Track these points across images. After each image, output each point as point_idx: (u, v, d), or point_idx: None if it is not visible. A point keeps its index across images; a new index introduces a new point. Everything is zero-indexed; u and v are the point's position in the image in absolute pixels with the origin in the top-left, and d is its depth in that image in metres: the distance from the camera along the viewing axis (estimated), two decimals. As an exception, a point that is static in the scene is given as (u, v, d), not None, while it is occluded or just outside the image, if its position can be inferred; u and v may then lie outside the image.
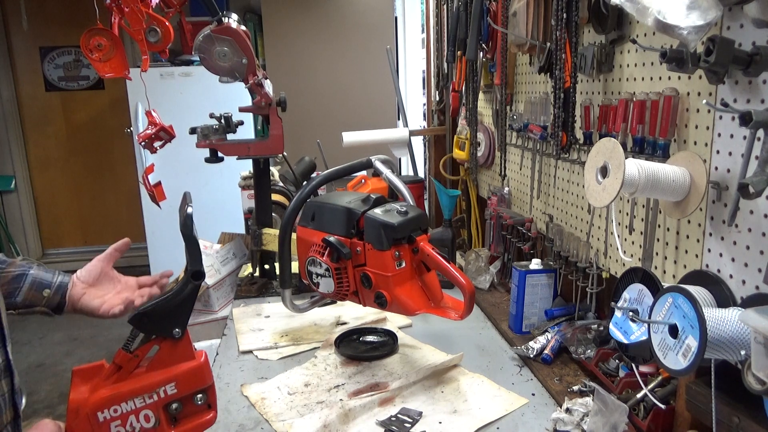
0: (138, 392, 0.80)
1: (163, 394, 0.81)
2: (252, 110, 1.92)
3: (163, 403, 0.81)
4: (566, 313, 1.54)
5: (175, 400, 0.82)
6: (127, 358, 0.81)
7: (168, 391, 0.81)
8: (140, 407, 0.80)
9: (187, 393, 0.82)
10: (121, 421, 0.79)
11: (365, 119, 4.42)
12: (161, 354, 0.83)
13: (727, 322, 0.85)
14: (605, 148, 1.05)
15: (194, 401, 0.83)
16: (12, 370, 0.92)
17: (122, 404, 0.80)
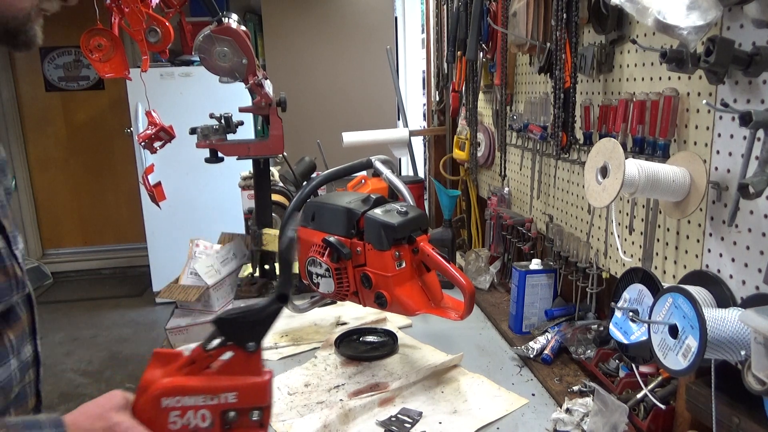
0: (202, 391, 0.81)
1: (224, 399, 0.82)
2: (252, 110, 1.92)
3: (222, 408, 0.83)
4: (566, 314, 1.54)
5: (233, 409, 0.83)
6: (202, 355, 0.83)
7: (229, 399, 0.83)
8: (200, 405, 0.81)
9: (246, 406, 0.84)
10: (180, 412, 0.81)
11: (365, 119, 4.42)
12: (232, 362, 0.84)
13: (727, 323, 0.85)
14: (605, 149, 1.05)
15: (249, 416, 0.84)
16: (39, 361, 0.93)
17: (186, 398, 0.81)
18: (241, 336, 0.84)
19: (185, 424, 0.81)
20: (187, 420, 0.81)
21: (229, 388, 0.82)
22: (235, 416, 0.83)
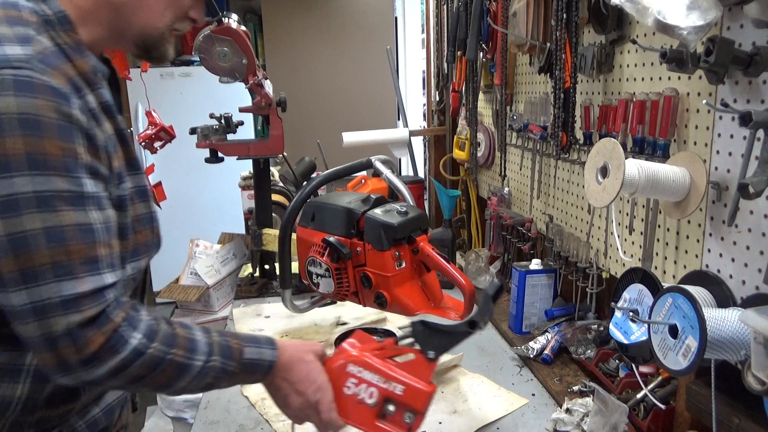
0: (380, 373, 0.94)
1: (393, 388, 0.94)
2: (252, 110, 1.92)
3: (388, 395, 0.94)
4: (566, 314, 1.54)
5: (394, 401, 0.94)
6: (391, 346, 0.98)
7: (397, 390, 0.94)
8: (373, 384, 0.94)
9: (407, 402, 0.94)
10: (357, 381, 0.95)
11: (365, 119, 4.42)
12: (412, 363, 0.96)
13: (727, 323, 0.85)
14: (605, 149, 1.05)
15: (404, 416, 0.94)
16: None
17: (366, 372, 0.94)
18: (427, 342, 0.97)
19: (355, 393, 0.95)
20: (358, 390, 0.95)
21: (401, 381, 0.94)
22: (393, 410, 0.94)
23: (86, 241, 0.75)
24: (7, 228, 0.70)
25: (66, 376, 0.76)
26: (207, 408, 1.30)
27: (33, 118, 0.70)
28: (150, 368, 0.80)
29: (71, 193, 0.73)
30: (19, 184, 0.70)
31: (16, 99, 0.69)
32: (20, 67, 0.70)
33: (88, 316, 0.74)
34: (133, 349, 0.78)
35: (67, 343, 0.73)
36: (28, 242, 0.71)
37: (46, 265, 0.72)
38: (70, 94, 0.74)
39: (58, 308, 0.73)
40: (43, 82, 0.71)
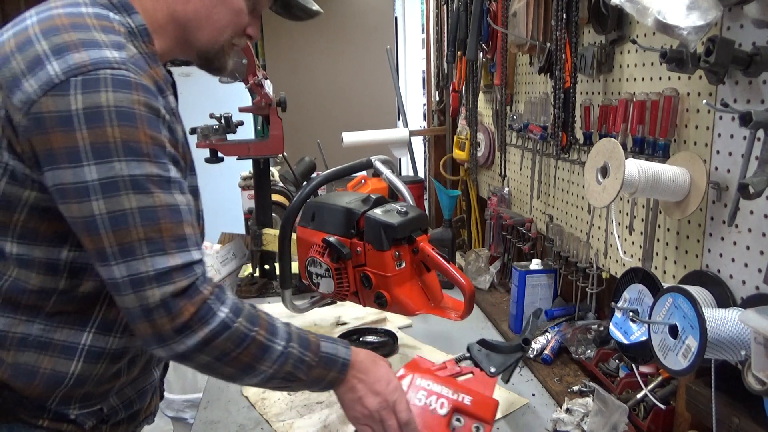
0: (448, 383, 1.02)
1: (461, 398, 1.00)
2: (252, 110, 1.92)
3: (457, 405, 1.00)
4: (566, 314, 1.54)
5: (463, 412, 1.00)
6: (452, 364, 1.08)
7: (465, 400, 1.00)
8: (442, 394, 1.00)
9: (475, 413, 1.00)
10: (427, 393, 1.01)
11: (365, 119, 4.42)
12: (473, 380, 1.06)
13: (727, 323, 0.85)
14: (605, 149, 1.05)
15: (473, 428, 1.00)
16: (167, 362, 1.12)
17: (434, 384, 1.01)
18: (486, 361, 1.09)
19: (426, 404, 1.00)
20: (429, 401, 1.00)
21: (467, 392, 1.01)
22: (462, 423, 0.99)
23: (175, 220, 0.83)
24: (108, 206, 0.78)
25: (161, 347, 0.83)
26: (207, 408, 1.30)
27: (128, 110, 0.78)
28: (236, 343, 0.86)
29: (160, 177, 0.82)
30: (117, 168, 0.78)
31: (115, 94, 0.77)
32: (118, 68, 0.79)
33: (180, 287, 0.82)
34: (221, 321, 0.85)
35: (161, 313, 0.81)
36: (126, 220, 0.79)
37: (142, 241, 0.80)
38: (156, 93, 0.83)
39: (152, 281, 0.80)
40: (136, 80, 0.80)
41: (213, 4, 0.94)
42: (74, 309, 0.88)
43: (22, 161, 0.80)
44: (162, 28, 0.92)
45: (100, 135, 0.77)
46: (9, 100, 0.78)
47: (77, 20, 0.82)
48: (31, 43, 0.79)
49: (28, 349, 0.87)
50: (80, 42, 0.79)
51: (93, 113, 0.76)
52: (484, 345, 1.12)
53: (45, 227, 0.85)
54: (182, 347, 0.83)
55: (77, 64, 0.77)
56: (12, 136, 0.79)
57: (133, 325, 0.83)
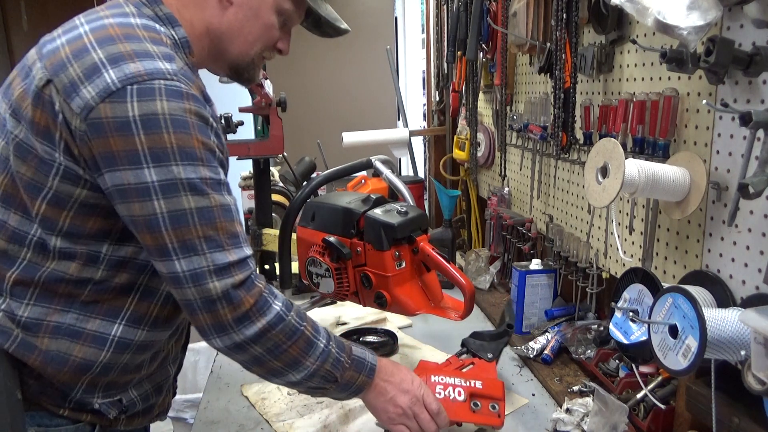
0: (458, 375, 1.15)
1: (473, 384, 1.13)
2: (252, 110, 1.92)
3: (472, 390, 1.12)
4: (566, 314, 1.54)
5: (479, 396, 1.12)
6: (455, 359, 1.23)
7: (477, 385, 1.13)
8: (457, 384, 1.12)
9: (488, 394, 1.13)
10: (443, 386, 1.12)
11: (365, 119, 4.42)
12: (476, 368, 1.21)
13: (727, 323, 0.85)
14: (605, 149, 1.05)
15: (490, 407, 1.12)
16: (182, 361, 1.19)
17: (447, 377, 1.13)
18: (478, 348, 1.24)
19: (446, 396, 1.11)
20: (448, 392, 1.11)
21: (476, 378, 1.14)
22: (480, 405, 1.11)
23: (228, 218, 0.89)
24: (168, 206, 0.84)
25: (220, 336, 0.90)
26: (207, 408, 1.30)
27: (182, 118, 0.84)
28: (287, 335, 0.93)
29: (213, 180, 0.88)
30: (175, 171, 0.84)
31: (168, 103, 0.83)
32: (171, 78, 0.84)
33: (239, 280, 0.89)
34: (276, 314, 0.92)
35: (223, 304, 0.88)
36: (186, 219, 0.85)
37: (201, 238, 0.86)
38: (204, 102, 0.89)
39: (213, 275, 0.87)
40: (187, 90, 0.85)
41: (246, 19, 0.98)
42: (108, 299, 0.93)
43: (76, 162, 0.85)
44: (198, 40, 0.98)
45: (157, 140, 0.82)
46: (66, 105, 0.82)
47: (129, 31, 0.87)
48: (87, 51, 0.83)
49: (62, 337, 0.91)
50: (134, 52, 0.84)
51: (150, 120, 0.81)
52: (476, 337, 1.25)
53: (91, 223, 0.90)
54: (240, 337, 0.90)
55: (133, 73, 0.82)
56: (69, 139, 0.84)
57: (193, 316, 0.89)
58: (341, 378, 0.99)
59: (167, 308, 1.01)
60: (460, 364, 1.22)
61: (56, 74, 0.83)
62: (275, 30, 1.03)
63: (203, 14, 0.97)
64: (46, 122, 0.84)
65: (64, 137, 0.84)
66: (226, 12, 0.97)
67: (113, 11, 0.91)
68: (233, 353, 0.93)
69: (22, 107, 0.87)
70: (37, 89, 0.85)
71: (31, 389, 0.93)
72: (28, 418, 0.92)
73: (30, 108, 0.85)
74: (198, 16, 0.97)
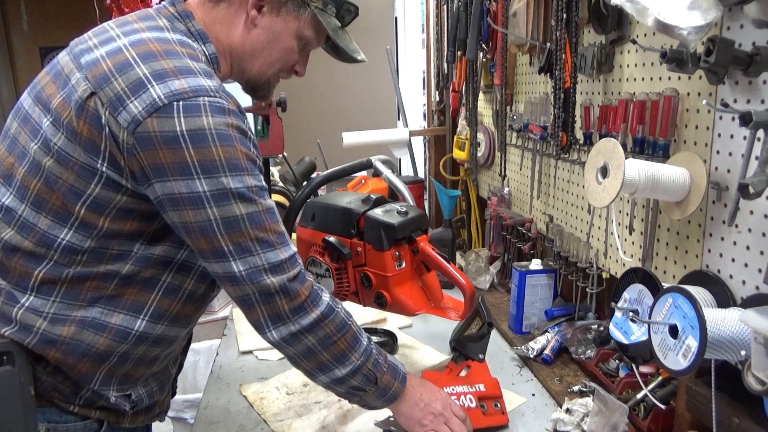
0: (466, 382, 1.21)
1: (478, 388, 1.20)
2: (252, 110, 1.92)
3: (479, 395, 1.19)
4: (566, 314, 1.54)
5: (484, 398, 1.19)
6: (454, 366, 1.27)
7: (481, 388, 1.20)
8: (467, 392, 1.19)
9: (491, 394, 1.20)
10: (456, 396, 1.17)
11: (365, 119, 4.41)
12: (472, 371, 1.26)
13: (727, 323, 0.85)
14: (605, 149, 1.05)
15: (494, 405, 1.19)
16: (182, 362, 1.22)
17: (457, 386, 1.20)
18: (470, 351, 1.27)
19: (462, 405, 1.16)
20: (461, 402, 1.17)
21: (478, 382, 1.22)
22: (486, 408, 1.18)
23: (275, 220, 0.95)
24: (221, 213, 0.89)
25: (277, 327, 0.96)
26: (207, 408, 1.30)
27: (225, 132, 0.89)
28: (338, 327, 1.00)
29: (257, 186, 0.93)
30: (224, 182, 0.89)
31: (213, 118, 0.88)
32: (213, 95, 0.89)
33: (293, 274, 0.95)
34: (327, 305, 0.99)
35: (281, 296, 0.94)
36: (239, 224, 0.91)
37: (254, 240, 0.92)
38: (242, 116, 0.94)
39: (269, 272, 0.93)
40: (228, 107, 0.90)
41: (267, 41, 1.04)
42: (132, 293, 0.97)
43: (119, 172, 0.89)
44: (223, 56, 1.04)
45: (206, 154, 0.87)
46: (113, 118, 0.86)
47: (168, 47, 0.91)
48: (131, 66, 0.88)
49: (87, 329, 0.94)
50: (177, 69, 0.89)
51: (197, 135, 0.86)
52: (465, 340, 1.29)
53: (129, 225, 0.93)
54: (296, 327, 0.96)
55: (178, 90, 0.86)
56: (116, 151, 0.88)
57: (250, 310, 0.96)
58: (380, 380, 1.04)
59: (188, 306, 1.04)
60: (459, 369, 1.26)
61: (100, 87, 0.87)
62: (294, 54, 1.09)
63: (229, 33, 1.02)
64: (90, 133, 0.88)
65: (109, 149, 0.88)
66: (250, 33, 1.03)
67: (147, 24, 0.95)
68: (287, 345, 0.98)
69: (62, 116, 0.89)
70: (81, 101, 0.87)
71: (44, 385, 0.95)
72: (39, 415, 0.94)
73: (73, 118, 0.88)
74: (224, 33, 1.02)
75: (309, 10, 1.05)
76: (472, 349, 1.28)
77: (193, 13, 1.00)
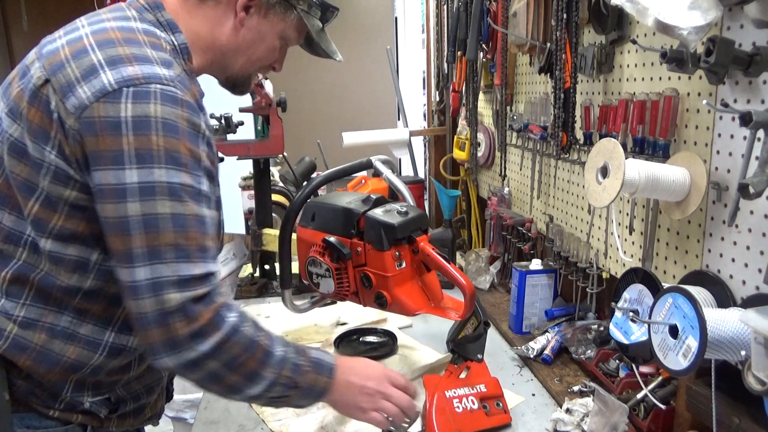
0: (467, 384, 1.21)
1: (480, 389, 1.20)
2: (252, 110, 1.92)
3: (481, 395, 1.19)
4: (566, 314, 1.54)
5: (486, 398, 1.19)
6: (454, 368, 1.26)
7: (482, 389, 1.21)
8: (468, 394, 1.19)
9: (492, 393, 1.21)
10: (458, 398, 1.17)
11: (365, 119, 4.42)
12: (472, 371, 1.26)
13: (727, 323, 0.85)
14: (605, 149, 1.05)
15: (496, 405, 1.20)
16: None
17: (459, 389, 1.19)
18: (469, 352, 1.28)
19: (464, 407, 1.17)
20: (464, 404, 1.17)
21: (479, 382, 1.22)
22: (489, 407, 1.19)
23: (202, 231, 0.88)
24: (143, 209, 0.83)
25: (171, 354, 0.86)
26: (207, 408, 1.30)
27: (173, 123, 0.84)
28: (244, 347, 0.90)
29: (193, 188, 0.86)
30: (157, 174, 0.83)
31: (162, 107, 0.83)
32: (167, 84, 0.85)
33: (199, 294, 0.86)
34: (231, 325, 0.89)
35: (178, 317, 0.84)
36: (158, 223, 0.83)
37: (170, 245, 0.84)
38: (198, 110, 0.89)
39: (173, 286, 0.84)
40: (182, 96, 0.86)
41: (253, 41, 1.03)
42: (99, 308, 0.93)
43: (68, 162, 0.85)
44: (203, 50, 1.01)
45: (145, 142, 0.82)
46: (62, 105, 0.83)
47: (130, 35, 0.89)
48: (87, 52, 0.85)
49: (57, 338, 0.91)
50: (133, 56, 0.85)
51: (141, 121, 0.82)
52: (463, 341, 1.29)
53: (83, 227, 0.89)
54: (193, 354, 0.86)
55: (130, 76, 0.83)
56: (63, 138, 0.84)
57: (144, 331, 0.85)
58: (302, 382, 0.96)
59: None
60: (459, 371, 1.26)
61: (54, 74, 0.84)
62: (276, 52, 1.09)
63: (215, 30, 1.00)
64: (41, 121, 0.85)
65: (58, 136, 0.84)
66: (238, 33, 1.01)
67: (115, 14, 0.93)
68: (187, 372, 0.88)
69: (19, 106, 0.87)
70: (35, 88, 0.85)
71: (20, 390, 0.92)
72: (16, 420, 0.91)
73: (26, 107, 0.86)
74: (207, 29, 1.00)
75: (295, 13, 1.05)
76: (471, 350, 1.28)
77: (163, 4, 0.97)
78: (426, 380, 1.24)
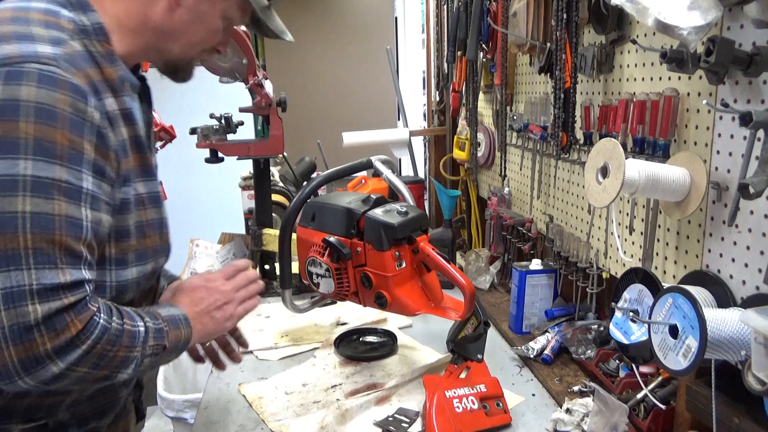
0: (467, 384, 1.21)
1: (480, 389, 1.21)
2: (252, 110, 1.92)
3: (481, 395, 1.20)
4: (566, 314, 1.54)
5: (486, 398, 1.19)
6: (454, 368, 1.26)
7: (482, 389, 1.21)
8: (468, 393, 1.19)
9: (492, 393, 1.21)
10: (458, 398, 1.18)
11: (365, 119, 4.42)
12: (472, 371, 1.26)
13: (727, 323, 0.85)
14: (605, 149, 1.05)
15: (496, 405, 1.20)
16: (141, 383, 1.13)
17: (459, 389, 1.19)
18: (468, 352, 1.27)
19: (465, 407, 1.17)
20: (464, 404, 1.17)
21: (479, 382, 1.22)
22: (489, 407, 1.19)
23: (74, 234, 0.76)
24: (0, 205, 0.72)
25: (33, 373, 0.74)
26: (207, 408, 1.30)
27: (49, 108, 0.74)
28: (112, 342, 0.80)
29: (69, 185, 0.76)
30: (21, 166, 0.72)
31: (38, 89, 0.73)
32: (47, 63, 0.75)
33: (68, 302, 0.75)
34: (101, 327, 0.79)
35: (42, 331, 0.73)
36: (15, 223, 0.72)
37: (28, 249, 0.73)
38: (88, 94, 0.79)
39: (34, 296, 0.72)
40: (65, 78, 0.76)
41: (191, 22, 0.95)
42: None
43: None
44: (132, 32, 0.92)
45: (9, 129, 0.72)
46: None
47: (20, 14, 0.81)
48: None
49: None
50: (13, 34, 0.77)
51: (8, 105, 0.72)
52: (462, 341, 1.28)
53: None
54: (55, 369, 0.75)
55: (7, 54, 0.74)
56: None
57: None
58: (168, 342, 0.90)
59: None
60: (459, 371, 1.26)
61: None
62: (219, 34, 1.00)
63: (148, 10, 0.92)
64: None
65: None
66: (173, 13, 0.93)
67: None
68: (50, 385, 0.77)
69: None
70: None
71: None
72: None
73: None
74: (137, 9, 0.91)
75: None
76: (471, 350, 1.28)
77: None
78: (426, 380, 1.24)
